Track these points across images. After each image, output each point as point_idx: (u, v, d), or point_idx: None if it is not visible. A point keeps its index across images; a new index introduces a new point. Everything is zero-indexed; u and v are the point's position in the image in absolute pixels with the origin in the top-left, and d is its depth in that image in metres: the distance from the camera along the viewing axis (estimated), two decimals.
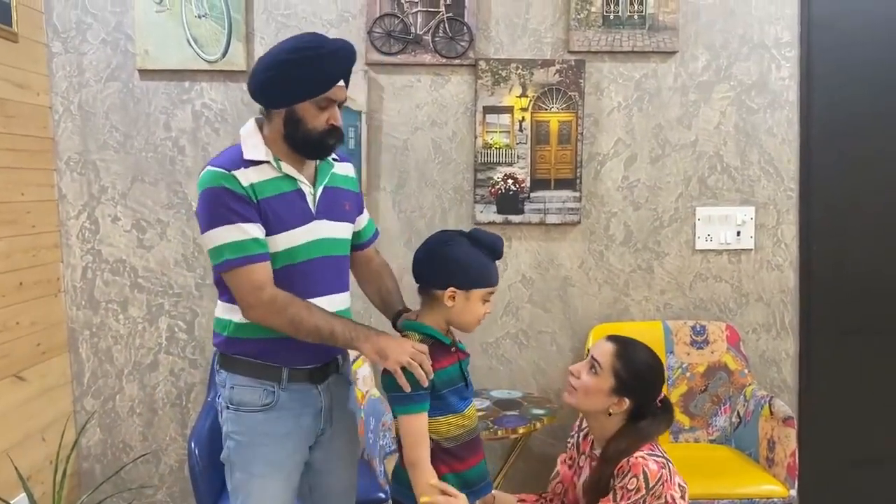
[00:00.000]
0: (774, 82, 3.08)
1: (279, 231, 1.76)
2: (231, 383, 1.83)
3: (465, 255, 1.77)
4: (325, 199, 1.85)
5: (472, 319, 1.81)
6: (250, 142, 1.78)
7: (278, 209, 1.76)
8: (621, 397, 1.80)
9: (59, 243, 3.06)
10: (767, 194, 3.11)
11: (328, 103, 1.76)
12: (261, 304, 1.72)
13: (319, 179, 1.86)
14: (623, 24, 3.03)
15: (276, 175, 1.78)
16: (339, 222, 1.89)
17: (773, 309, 3.15)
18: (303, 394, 1.84)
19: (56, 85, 3.02)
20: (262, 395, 1.80)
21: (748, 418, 2.84)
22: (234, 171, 1.72)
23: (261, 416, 1.81)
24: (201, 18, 2.98)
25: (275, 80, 1.73)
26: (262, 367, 1.80)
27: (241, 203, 1.71)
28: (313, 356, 1.84)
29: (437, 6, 3.00)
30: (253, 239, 1.71)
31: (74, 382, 3.11)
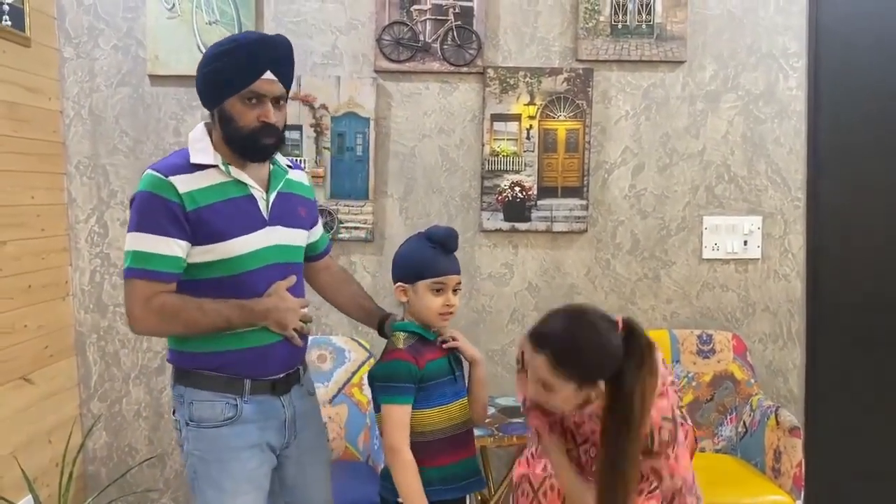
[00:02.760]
0: (782, 92, 3.08)
1: (226, 238, 1.69)
2: (190, 398, 1.74)
3: (408, 250, 1.85)
4: (279, 205, 1.80)
5: (427, 313, 1.81)
6: (198, 146, 1.73)
7: (224, 215, 1.70)
8: (593, 385, 1.59)
9: (68, 247, 3.07)
10: (774, 204, 3.11)
11: (256, 97, 1.68)
12: (149, 314, 1.66)
13: (273, 185, 1.80)
14: (631, 34, 3.04)
15: (225, 180, 1.72)
16: (294, 229, 1.84)
17: (780, 319, 3.14)
18: (266, 406, 1.78)
19: (67, 89, 3.04)
20: (224, 408, 1.73)
21: (754, 428, 2.83)
22: (171, 176, 1.66)
23: (224, 430, 1.73)
24: (212, 25, 3.01)
25: (202, 79, 1.71)
26: (222, 379, 1.73)
27: (166, 215, 1.65)
28: (275, 366, 1.79)
29: (446, 14, 3.02)
30: (161, 255, 1.65)
31: (81, 385, 3.13)
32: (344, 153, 3.04)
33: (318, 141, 3.03)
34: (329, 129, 3.02)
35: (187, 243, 1.67)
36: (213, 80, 1.69)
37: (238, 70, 1.66)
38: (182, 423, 1.77)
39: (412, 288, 1.81)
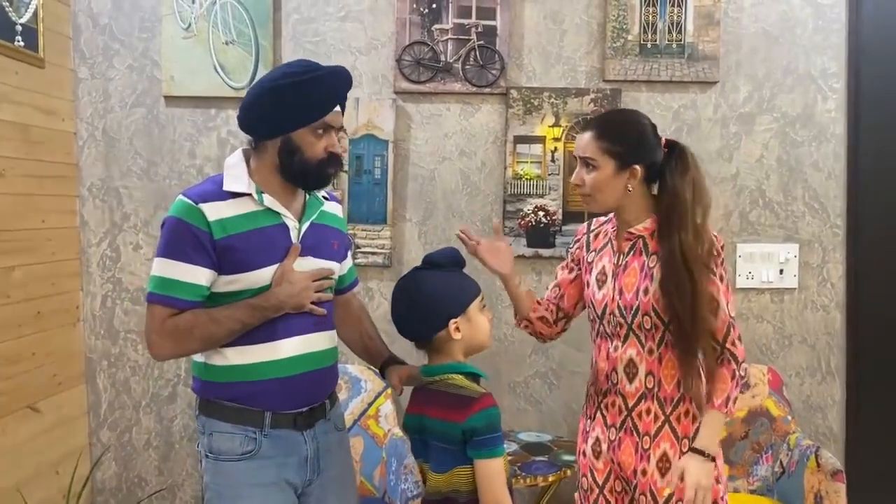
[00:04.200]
0: (820, 114, 2.94)
1: (253, 268, 1.65)
2: (210, 430, 1.70)
3: (440, 283, 1.73)
4: (312, 236, 1.75)
5: (484, 335, 1.78)
6: (233, 172, 1.69)
7: (253, 245, 1.66)
8: (629, 168, 1.76)
9: (80, 271, 3.00)
10: (812, 231, 2.96)
11: (326, 129, 1.67)
12: (164, 338, 1.64)
13: (307, 215, 1.76)
14: (661, 53, 2.92)
15: (258, 209, 1.68)
16: (326, 261, 1.79)
17: (818, 352, 2.98)
18: (287, 441, 1.71)
19: (81, 111, 2.99)
20: (243, 441, 1.67)
21: (792, 469, 2.67)
22: (202, 203, 1.63)
23: (242, 465, 1.67)
24: (229, 45, 2.94)
25: (268, 107, 1.65)
26: (242, 411, 1.68)
27: (193, 242, 1.61)
28: (298, 400, 1.72)
29: (468, 34, 2.92)
30: (183, 282, 1.62)
31: (91, 414, 3.04)
32: (362, 176, 2.95)
33: None
34: (347, 151, 2.92)
35: (212, 272, 1.64)
36: (282, 110, 1.64)
37: (313, 103, 1.64)
38: (203, 453, 1.73)
39: (464, 317, 1.72)
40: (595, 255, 1.92)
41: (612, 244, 1.88)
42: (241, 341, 1.66)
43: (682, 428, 1.79)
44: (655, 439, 1.78)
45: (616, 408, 1.83)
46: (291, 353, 1.70)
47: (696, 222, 1.73)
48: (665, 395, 1.78)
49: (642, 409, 1.80)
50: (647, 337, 1.78)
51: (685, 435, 1.78)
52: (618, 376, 1.82)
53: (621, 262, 1.84)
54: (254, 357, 1.67)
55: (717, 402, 1.74)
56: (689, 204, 1.73)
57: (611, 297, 1.83)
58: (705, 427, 1.76)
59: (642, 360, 1.79)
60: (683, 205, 1.73)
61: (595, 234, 1.97)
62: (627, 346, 1.80)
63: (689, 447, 1.76)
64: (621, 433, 1.82)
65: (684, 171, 1.77)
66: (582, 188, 1.81)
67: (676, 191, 1.76)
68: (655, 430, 1.79)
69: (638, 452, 1.80)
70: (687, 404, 1.79)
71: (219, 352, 1.67)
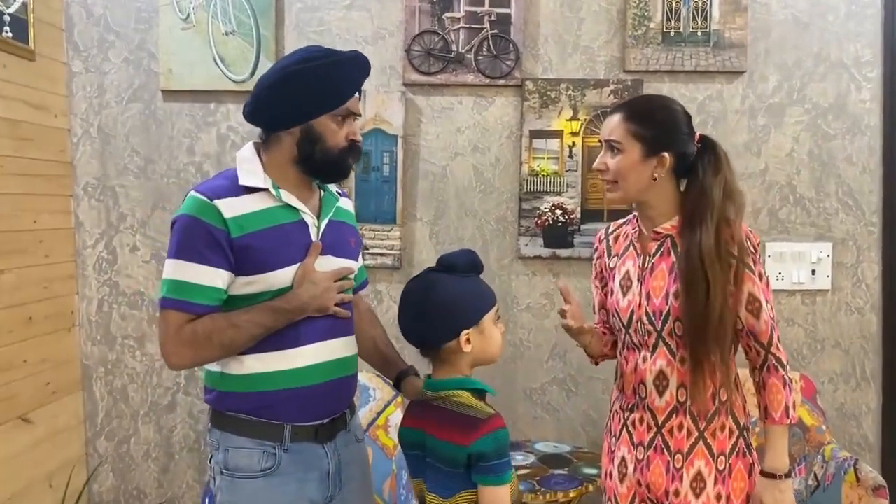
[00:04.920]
0: (854, 105, 2.78)
1: (273, 268, 1.55)
2: (225, 445, 1.59)
3: (455, 290, 1.54)
4: (331, 233, 1.66)
5: (496, 349, 1.61)
6: (247, 166, 1.59)
7: (272, 243, 1.55)
8: (658, 155, 1.64)
9: (75, 274, 2.87)
10: (846, 229, 2.80)
11: (347, 116, 1.59)
12: (182, 346, 1.52)
13: (325, 211, 1.67)
14: (685, 42, 2.76)
15: (275, 204, 1.58)
16: (344, 259, 1.68)
17: (853, 357, 2.82)
18: (307, 455, 1.61)
19: (75, 106, 2.85)
20: (262, 458, 1.57)
21: (828, 482, 2.51)
22: (217, 199, 1.52)
23: (260, 482, 1.57)
24: (229, 36, 2.80)
25: (288, 94, 1.55)
26: (260, 425, 1.57)
27: (209, 242, 1.51)
28: (319, 411, 1.62)
29: (481, 23, 2.77)
30: (200, 285, 1.51)
31: (87, 423, 2.91)
32: (370, 173, 2.80)
33: None
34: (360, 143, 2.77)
35: (230, 274, 1.53)
36: (302, 96, 1.55)
37: (338, 87, 1.57)
38: (217, 470, 1.61)
39: (477, 329, 1.55)
40: (618, 259, 1.77)
41: (636, 246, 1.74)
42: (260, 348, 1.56)
43: (718, 444, 1.64)
44: (689, 457, 1.64)
45: (644, 425, 1.68)
46: (313, 361, 1.60)
47: (720, 223, 1.60)
48: (698, 409, 1.63)
49: (674, 424, 1.65)
50: (679, 345, 1.63)
51: (721, 451, 1.64)
52: (646, 390, 1.67)
53: (647, 264, 1.69)
54: (273, 365, 1.57)
55: (777, 415, 1.63)
56: (716, 203, 1.61)
57: (637, 304, 1.69)
58: (770, 446, 1.65)
59: (673, 371, 1.64)
60: (710, 203, 1.61)
61: (615, 236, 1.82)
62: (657, 357, 1.66)
63: (759, 472, 1.64)
64: (650, 452, 1.67)
65: (717, 170, 1.65)
66: (605, 174, 1.68)
67: (705, 189, 1.63)
68: (689, 447, 1.64)
69: (669, 472, 1.65)
70: (723, 418, 1.64)
71: (237, 359, 1.57)
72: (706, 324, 1.56)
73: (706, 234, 1.59)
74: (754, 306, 1.62)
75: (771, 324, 1.64)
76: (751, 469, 1.68)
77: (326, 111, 1.56)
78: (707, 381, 1.61)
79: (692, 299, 1.58)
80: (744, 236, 1.62)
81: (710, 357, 1.58)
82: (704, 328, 1.57)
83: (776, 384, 1.64)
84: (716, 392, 1.64)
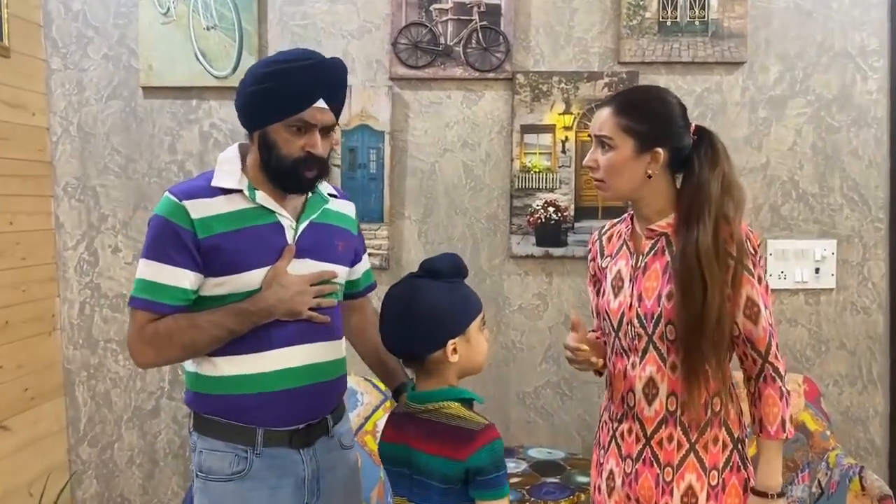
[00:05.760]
0: (859, 96, 2.67)
1: (241, 269, 1.53)
2: (201, 447, 1.58)
3: (440, 297, 1.45)
4: (311, 236, 1.61)
5: (482, 358, 1.54)
6: (225, 167, 1.58)
7: (241, 245, 1.53)
8: (651, 150, 1.53)
9: (56, 276, 2.80)
10: (851, 226, 2.69)
11: (304, 126, 1.52)
12: (144, 345, 1.52)
13: (306, 213, 1.62)
14: (682, 32, 2.66)
15: (248, 206, 1.55)
16: (327, 263, 1.63)
17: (859, 358, 2.72)
18: (281, 460, 1.57)
19: (54, 104, 2.78)
20: (233, 461, 1.55)
21: (832, 490, 2.41)
22: (186, 200, 1.51)
23: (231, 486, 1.54)
24: (210, 31, 2.71)
25: (247, 97, 1.53)
26: (232, 427, 1.55)
27: (175, 242, 1.51)
28: (294, 416, 1.58)
29: (470, 14, 2.68)
30: (165, 285, 1.51)
31: (70, 429, 2.84)
32: (356, 170, 2.72)
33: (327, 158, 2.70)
34: (339, 143, 2.69)
35: (197, 274, 1.52)
36: (259, 102, 1.53)
37: (289, 95, 1.51)
38: (194, 472, 1.61)
39: (463, 338, 1.47)
40: (610, 259, 1.68)
41: (628, 245, 1.64)
42: (233, 350, 1.53)
43: (711, 458, 1.55)
44: (679, 470, 1.54)
45: (633, 436, 1.59)
46: (288, 365, 1.56)
47: (719, 220, 1.50)
48: (689, 420, 1.54)
49: (663, 435, 1.55)
50: (670, 350, 1.54)
51: (714, 465, 1.55)
52: (635, 398, 1.57)
53: (640, 263, 1.60)
54: (246, 368, 1.54)
55: (772, 429, 1.53)
56: (714, 199, 1.51)
57: (628, 305, 1.59)
58: (764, 462, 1.55)
59: (664, 379, 1.54)
60: (707, 199, 1.51)
61: (608, 236, 1.73)
62: (646, 363, 1.56)
63: (751, 489, 1.55)
64: (638, 464, 1.57)
65: (714, 163, 1.55)
66: (595, 171, 1.58)
67: (702, 184, 1.53)
68: (679, 459, 1.55)
69: (659, 486, 1.56)
70: (716, 430, 1.55)
71: (209, 360, 1.55)
72: (702, 328, 1.47)
73: (703, 232, 1.49)
74: (753, 311, 1.52)
75: (770, 331, 1.54)
76: (745, 484, 1.58)
77: (277, 120, 1.52)
78: (701, 390, 1.51)
79: (688, 301, 1.48)
80: (744, 236, 1.52)
81: (706, 364, 1.49)
82: (700, 332, 1.47)
83: (773, 396, 1.54)
84: (709, 401, 1.54)
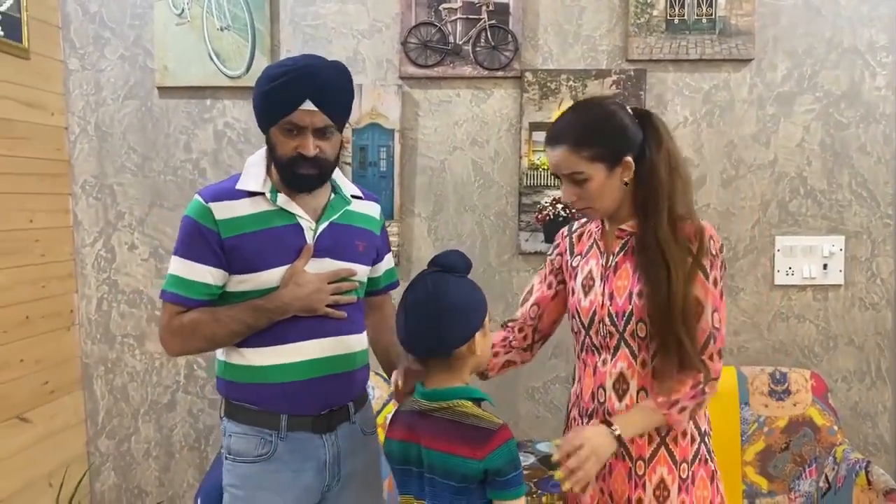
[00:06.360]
0: (868, 93, 2.67)
1: (261, 268, 1.63)
2: (230, 431, 1.70)
3: (465, 291, 1.48)
4: (330, 236, 1.70)
5: (489, 353, 1.61)
6: (252, 171, 1.69)
7: (261, 245, 1.63)
8: (621, 162, 1.54)
9: (74, 273, 2.86)
10: (860, 222, 2.70)
11: (294, 128, 1.60)
12: (172, 336, 1.66)
13: (326, 215, 1.71)
14: (690, 29, 2.67)
15: (269, 208, 1.66)
16: (346, 262, 1.72)
17: (867, 354, 2.72)
18: (304, 444, 1.68)
19: (72, 104, 2.83)
20: (259, 444, 1.66)
21: (839, 485, 2.42)
22: (212, 202, 1.63)
23: (256, 467, 1.66)
24: (224, 31, 2.76)
25: (255, 101, 1.66)
26: (259, 413, 1.66)
27: (201, 242, 1.63)
28: (315, 404, 1.68)
29: (479, 13, 2.70)
30: (191, 281, 1.63)
31: (88, 422, 2.90)
32: (366, 169, 2.75)
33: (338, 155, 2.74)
34: (350, 142, 2.73)
35: (221, 271, 1.64)
36: (260, 108, 1.65)
37: (276, 100, 1.61)
38: (224, 455, 1.73)
39: (482, 331, 1.50)
40: (581, 258, 1.69)
41: (598, 244, 1.66)
42: (258, 342, 1.65)
43: (681, 451, 1.57)
44: (651, 463, 1.57)
45: None
46: (308, 357, 1.66)
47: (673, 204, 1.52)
48: None
49: None
50: (641, 347, 1.55)
51: (683, 458, 1.57)
52: (605, 394, 1.59)
53: (611, 262, 1.61)
54: (270, 359, 1.65)
55: (661, 399, 1.52)
56: (664, 182, 1.53)
57: (600, 304, 1.60)
58: (634, 412, 1.54)
59: (634, 375, 1.56)
60: (659, 183, 1.53)
61: (578, 235, 1.74)
62: (618, 359, 1.58)
63: (602, 420, 1.52)
64: (611, 459, 1.57)
65: (659, 142, 1.55)
66: (577, 203, 1.58)
67: (653, 169, 1.54)
68: (650, 453, 1.57)
69: (632, 479, 1.57)
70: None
71: (237, 351, 1.67)
72: (671, 308, 1.47)
73: (660, 219, 1.51)
74: (697, 310, 1.50)
75: (710, 332, 1.52)
76: (713, 476, 1.60)
77: (273, 123, 1.62)
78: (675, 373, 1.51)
79: (654, 288, 1.49)
80: (707, 236, 1.52)
81: (682, 343, 1.48)
82: (670, 313, 1.47)
83: (684, 380, 1.51)
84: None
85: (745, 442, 2.57)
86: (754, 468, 2.56)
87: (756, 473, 2.56)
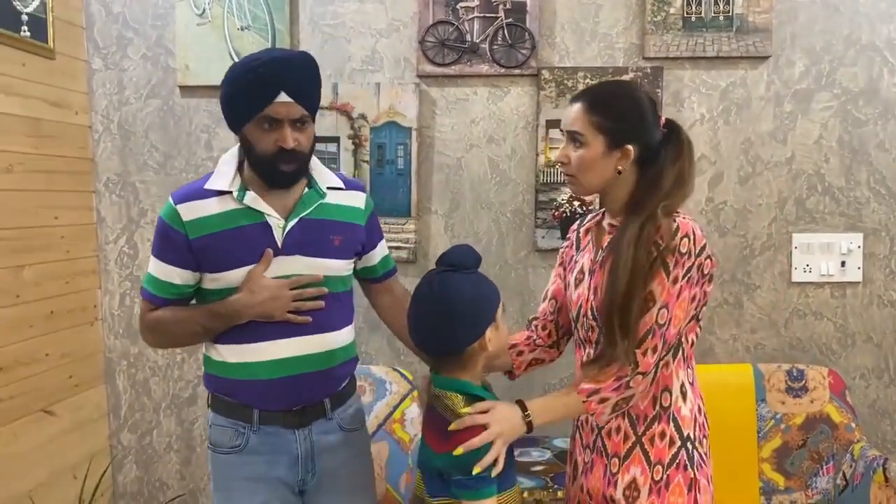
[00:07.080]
0: (887, 89, 2.66)
1: (229, 267, 1.64)
2: (211, 421, 1.75)
3: (473, 289, 1.47)
4: (300, 233, 1.68)
5: (506, 343, 1.61)
6: (223, 169, 1.69)
7: (228, 245, 1.63)
8: (622, 147, 1.53)
9: (97, 269, 2.91)
10: (878, 219, 2.69)
11: (272, 122, 1.59)
12: (145, 331, 1.74)
13: (297, 211, 1.68)
14: (707, 27, 2.67)
15: (236, 207, 1.65)
16: (318, 258, 1.70)
17: (886, 351, 2.71)
18: (275, 438, 1.70)
19: (96, 103, 2.88)
20: (233, 435, 1.70)
21: (857, 482, 2.42)
22: (179, 204, 1.65)
23: (232, 457, 1.71)
24: (244, 31, 2.80)
25: (223, 103, 1.66)
26: (234, 406, 1.70)
27: (168, 244, 1.66)
28: (287, 400, 1.70)
29: (496, 11, 2.72)
30: (161, 280, 1.68)
31: (111, 415, 2.96)
32: (384, 166, 2.78)
33: (356, 153, 2.77)
34: (368, 140, 2.76)
35: (189, 272, 1.67)
36: (229, 108, 1.65)
37: (249, 96, 1.59)
38: (208, 444, 1.78)
39: (494, 325, 1.49)
40: (581, 252, 1.69)
41: (593, 239, 1.66)
42: (231, 339, 1.67)
43: (656, 452, 1.53)
44: (625, 462, 1.54)
45: (589, 426, 1.61)
46: (281, 356, 1.67)
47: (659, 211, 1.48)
48: (637, 413, 1.54)
49: (612, 426, 1.56)
50: None
51: (659, 460, 1.53)
52: None
53: (599, 257, 1.60)
54: (242, 356, 1.68)
55: (585, 386, 1.47)
56: (664, 191, 1.51)
57: (585, 298, 1.59)
58: (555, 397, 1.52)
59: None
60: (658, 190, 1.52)
61: (585, 229, 1.73)
62: None
63: (517, 400, 1.49)
64: (594, 455, 1.59)
65: (677, 155, 1.55)
66: (566, 166, 1.57)
67: (661, 173, 1.53)
68: (626, 451, 1.54)
69: (606, 476, 1.56)
70: (664, 425, 1.53)
71: (214, 347, 1.71)
72: (613, 298, 1.44)
73: (634, 221, 1.48)
74: (646, 304, 1.45)
75: (651, 327, 1.45)
76: (691, 484, 1.53)
77: (248, 120, 1.60)
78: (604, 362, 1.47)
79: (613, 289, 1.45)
80: (679, 236, 1.46)
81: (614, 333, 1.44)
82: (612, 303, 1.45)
83: (610, 370, 1.46)
84: (657, 396, 1.53)
85: (762, 439, 2.57)
86: (771, 465, 2.56)
87: (773, 470, 2.56)
